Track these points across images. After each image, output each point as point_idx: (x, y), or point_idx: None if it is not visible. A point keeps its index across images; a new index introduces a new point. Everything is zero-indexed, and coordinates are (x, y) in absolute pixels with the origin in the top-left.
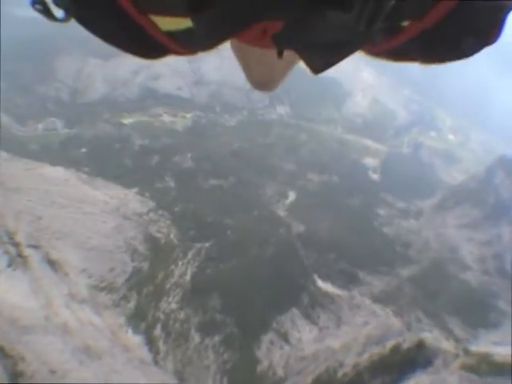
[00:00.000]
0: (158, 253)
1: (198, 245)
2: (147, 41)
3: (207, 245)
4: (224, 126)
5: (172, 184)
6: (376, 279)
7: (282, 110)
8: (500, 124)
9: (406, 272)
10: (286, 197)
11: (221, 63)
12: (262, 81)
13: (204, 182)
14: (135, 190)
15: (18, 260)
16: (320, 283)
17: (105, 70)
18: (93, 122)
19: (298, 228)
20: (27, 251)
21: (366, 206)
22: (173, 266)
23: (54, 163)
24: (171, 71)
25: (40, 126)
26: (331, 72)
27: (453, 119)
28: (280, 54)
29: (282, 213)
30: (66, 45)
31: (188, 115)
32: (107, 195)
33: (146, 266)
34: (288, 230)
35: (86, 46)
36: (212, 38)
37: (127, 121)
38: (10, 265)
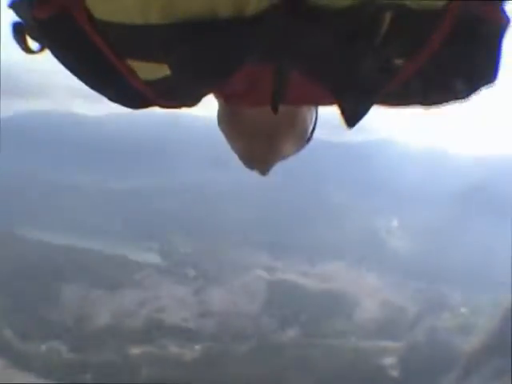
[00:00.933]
0: None
1: None
2: (124, 86)
3: None
4: (234, 355)
5: None
6: None
7: (291, 331)
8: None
9: None
10: None
11: (227, 292)
12: (259, 154)
13: None
14: None
15: None
16: None
17: (110, 300)
18: (98, 349)
19: None
20: None
21: None
22: None
23: None
24: (176, 303)
25: (43, 347)
26: (334, 286)
27: (462, 291)
28: (275, 108)
29: None
30: (73, 271)
31: (196, 346)
32: None
33: None
34: None
35: (92, 275)
36: (191, 88)
37: (134, 351)
38: None
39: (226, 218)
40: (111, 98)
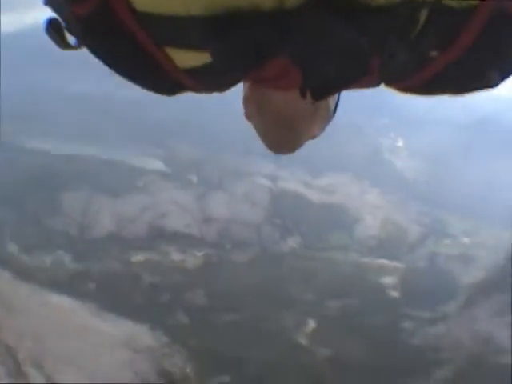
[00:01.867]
0: None
1: (217, 379)
2: (162, 75)
3: (227, 379)
4: (236, 263)
5: (185, 320)
6: None
7: (292, 242)
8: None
9: (440, 375)
10: (306, 325)
11: (229, 200)
12: (284, 141)
13: (219, 318)
14: (146, 325)
15: (18, 379)
16: None
17: (112, 207)
18: (101, 258)
19: (322, 354)
20: (29, 370)
21: (390, 324)
22: None
23: (60, 294)
24: (179, 209)
25: (48, 259)
26: (337, 199)
27: (464, 221)
28: (304, 93)
29: (303, 341)
30: (74, 179)
31: (198, 253)
32: (116, 329)
33: None
34: (312, 357)
35: (93, 182)
36: (228, 75)
37: (136, 258)
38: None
39: (229, 127)
40: (146, 87)
